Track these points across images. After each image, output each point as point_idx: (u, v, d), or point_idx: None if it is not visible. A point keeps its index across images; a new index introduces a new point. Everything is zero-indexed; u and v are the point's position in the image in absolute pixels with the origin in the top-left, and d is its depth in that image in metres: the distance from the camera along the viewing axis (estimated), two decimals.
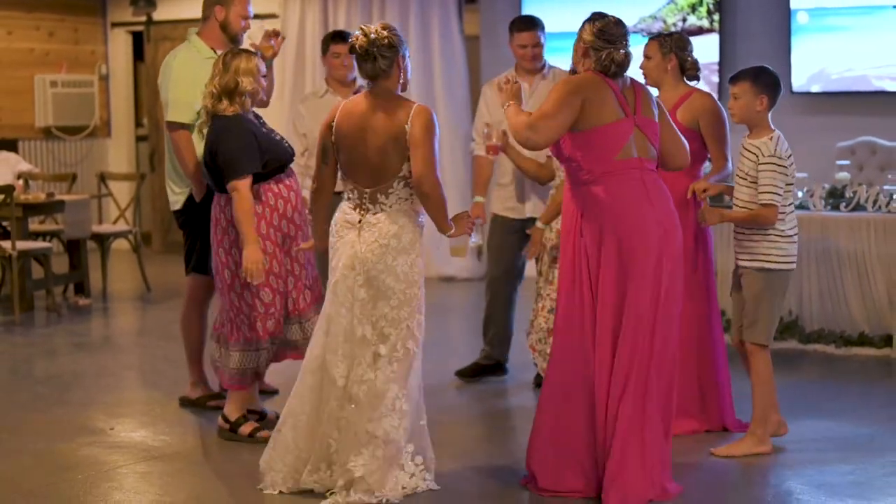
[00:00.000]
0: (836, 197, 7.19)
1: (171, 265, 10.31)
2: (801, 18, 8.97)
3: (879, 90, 8.90)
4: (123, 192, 10.87)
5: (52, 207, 8.89)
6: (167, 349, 7.27)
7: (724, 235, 6.91)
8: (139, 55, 12.45)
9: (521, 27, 6.30)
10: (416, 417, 4.69)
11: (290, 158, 5.40)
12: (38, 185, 10.38)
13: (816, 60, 9.01)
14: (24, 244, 8.47)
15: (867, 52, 8.85)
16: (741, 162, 5.05)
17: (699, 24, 9.38)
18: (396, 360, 4.59)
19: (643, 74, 5.50)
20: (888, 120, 8.86)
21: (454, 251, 4.88)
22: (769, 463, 5.01)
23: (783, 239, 5.01)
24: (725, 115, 5.37)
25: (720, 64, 9.25)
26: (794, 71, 8.98)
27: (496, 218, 6.43)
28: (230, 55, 5.35)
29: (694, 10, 9.39)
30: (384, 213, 4.61)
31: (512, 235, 6.36)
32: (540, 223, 5.84)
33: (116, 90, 12.43)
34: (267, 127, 5.46)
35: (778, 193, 4.93)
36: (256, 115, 5.54)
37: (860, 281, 7.01)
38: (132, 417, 5.93)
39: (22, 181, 9.53)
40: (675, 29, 9.19)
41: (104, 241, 9.52)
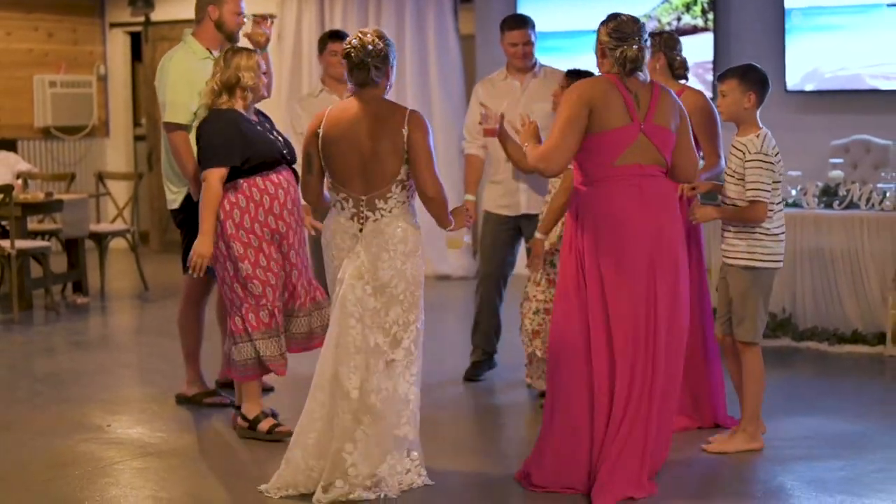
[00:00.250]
0: (829, 195, 7.22)
1: (168, 264, 10.33)
2: (795, 17, 9.00)
3: (873, 89, 8.91)
4: (121, 191, 10.89)
5: (50, 207, 8.90)
6: (164, 347, 7.28)
7: (716, 233, 6.92)
8: (137, 55, 12.47)
9: (511, 25, 6.34)
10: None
11: (278, 157, 5.34)
12: (36, 184, 10.40)
13: (810, 59, 9.03)
14: (22, 243, 8.50)
15: (861, 50, 8.87)
16: (730, 160, 5.06)
17: (693, 23, 9.39)
18: (410, 362, 4.61)
19: None
20: (882, 118, 8.88)
21: (451, 243, 4.95)
22: (761, 459, 5.03)
23: (769, 237, 5.01)
24: (717, 112, 5.39)
25: (714, 63, 9.25)
26: (788, 70, 8.99)
27: (489, 215, 6.43)
28: (231, 53, 5.39)
29: (688, 9, 9.40)
30: (385, 218, 4.59)
31: (504, 232, 6.38)
32: (539, 234, 5.76)
33: (115, 90, 12.45)
34: (267, 127, 5.46)
35: (766, 190, 4.94)
36: (265, 115, 5.57)
37: (853, 279, 7.04)
38: (129, 414, 5.95)
39: (21, 181, 9.57)
40: (669, 28, 9.22)
41: (102, 240, 9.54)
